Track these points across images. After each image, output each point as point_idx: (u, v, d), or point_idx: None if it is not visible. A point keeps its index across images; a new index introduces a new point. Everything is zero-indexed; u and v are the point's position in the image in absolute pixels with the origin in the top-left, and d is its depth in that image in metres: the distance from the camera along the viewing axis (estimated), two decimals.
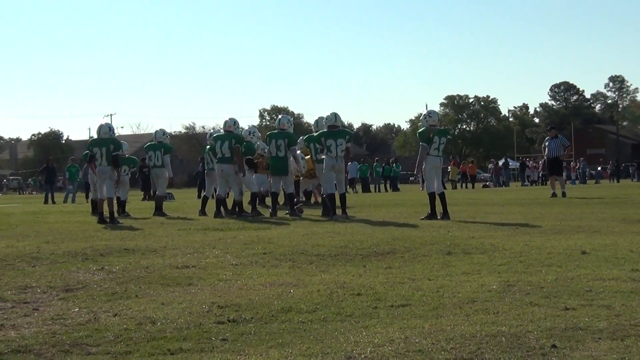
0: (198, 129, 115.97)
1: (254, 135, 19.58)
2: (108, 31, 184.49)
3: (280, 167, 17.11)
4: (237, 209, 17.15)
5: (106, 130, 16.50)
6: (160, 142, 19.26)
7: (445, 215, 14.75)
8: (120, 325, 5.29)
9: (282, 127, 17.43)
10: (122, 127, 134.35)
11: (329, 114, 16.32)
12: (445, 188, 43.82)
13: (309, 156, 17.96)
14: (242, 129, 19.45)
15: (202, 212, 18.38)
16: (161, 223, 15.47)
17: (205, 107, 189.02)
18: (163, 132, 19.60)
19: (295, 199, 17.54)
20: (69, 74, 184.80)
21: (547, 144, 24.96)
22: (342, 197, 16.09)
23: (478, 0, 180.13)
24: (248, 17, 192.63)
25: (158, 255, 9.31)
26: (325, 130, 16.25)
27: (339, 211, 15.81)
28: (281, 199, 18.74)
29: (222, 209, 17.38)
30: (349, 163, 19.31)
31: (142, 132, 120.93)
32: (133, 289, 6.82)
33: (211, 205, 18.13)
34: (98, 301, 6.30)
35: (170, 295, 6.46)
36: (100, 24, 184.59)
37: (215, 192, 18.25)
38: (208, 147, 19.18)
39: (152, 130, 27.28)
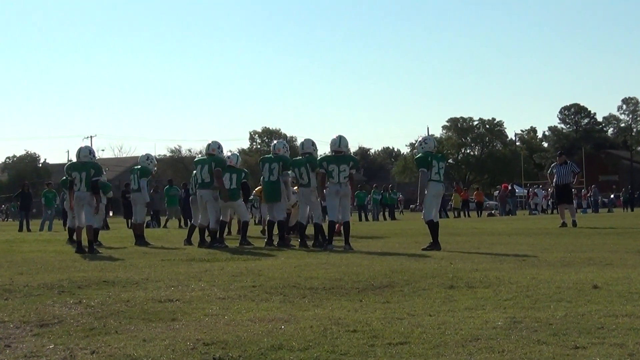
0: (184, 152, 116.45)
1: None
2: (89, 48, 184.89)
3: (273, 193, 17.13)
4: (210, 238, 17.16)
5: (86, 153, 16.45)
6: (140, 166, 19.24)
7: (437, 244, 14.84)
8: None
9: (276, 151, 17.51)
10: (103, 150, 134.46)
11: (335, 137, 16.28)
12: (447, 216, 43.92)
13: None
14: (232, 152, 19.48)
15: (188, 241, 18.40)
16: (143, 253, 15.45)
17: (193, 129, 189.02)
18: (147, 156, 19.61)
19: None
20: (46, 93, 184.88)
21: (555, 170, 25.01)
22: (346, 226, 16.08)
23: (482, 16, 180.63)
24: (239, 35, 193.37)
25: (140, 288, 9.28)
26: (330, 154, 16.28)
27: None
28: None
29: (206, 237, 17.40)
30: None
31: (124, 155, 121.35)
32: (112, 324, 6.79)
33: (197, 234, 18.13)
34: (75, 337, 6.27)
35: (153, 331, 6.43)
36: (81, 40, 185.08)
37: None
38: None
39: (135, 154, 27.34)
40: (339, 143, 16.14)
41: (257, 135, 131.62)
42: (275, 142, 18.52)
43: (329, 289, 8.91)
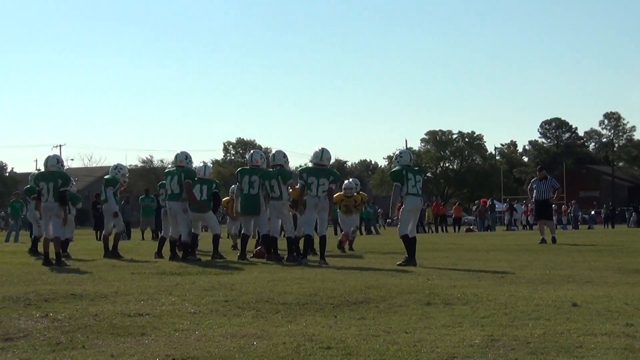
0: (156, 162, 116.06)
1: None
2: (59, 55, 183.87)
3: (252, 206, 17.10)
4: (183, 251, 17.10)
5: (54, 162, 16.32)
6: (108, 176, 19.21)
7: (412, 260, 14.88)
8: None
9: (255, 163, 17.49)
10: (72, 160, 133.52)
11: (317, 150, 16.30)
12: (425, 231, 43.95)
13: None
14: (203, 163, 19.45)
15: (159, 254, 18.34)
16: (112, 266, 15.40)
17: (165, 139, 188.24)
18: (116, 166, 19.53)
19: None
20: (14, 100, 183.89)
21: (534, 185, 25.15)
22: (322, 241, 16.08)
23: (463, 29, 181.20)
24: (213, 44, 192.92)
25: (108, 302, 9.25)
26: (311, 166, 16.32)
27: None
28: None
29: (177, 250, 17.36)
30: None
31: (94, 165, 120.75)
32: (80, 339, 6.76)
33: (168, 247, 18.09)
34: (41, 352, 6.24)
35: (121, 347, 6.41)
36: (50, 47, 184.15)
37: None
38: (162, 182, 19.21)
39: (105, 164, 27.30)
40: (321, 156, 16.16)
41: (231, 146, 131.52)
42: (252, 152, 18.49)
43: (303, 304, 8.92)
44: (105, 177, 19.23)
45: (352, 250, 21.49)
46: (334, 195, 18.22)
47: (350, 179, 22.60)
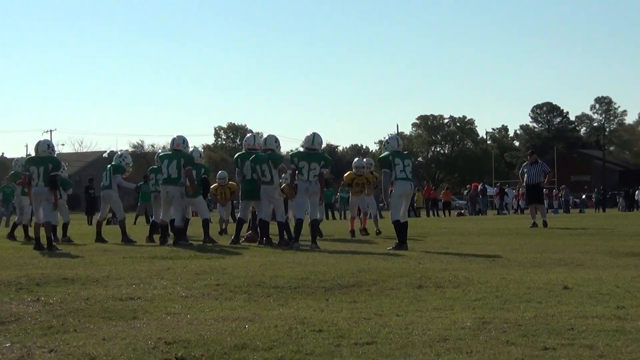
0: (147, 147, 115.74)
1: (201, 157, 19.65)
2: (49, 39, 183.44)
3: (254, 191, 17.05)
4: (175, 236, 17.08)
5: (45, 147, 16.28)
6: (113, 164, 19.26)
7: (404, 244, 14.89)
8: None
9: (255, 147, 17.48)
10: (63, 145, 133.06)
11: (309, 134, 16.30)
12: (418, 215, 44.00)
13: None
14: (194, 148, 19.45)
15: (150, 238, 18.36)
16: (104, 250, 15.40)
17: (156, 124, 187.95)
18: (120, 154, 19.68)
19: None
20: (4, 85, 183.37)
21: (525, 170, 25.18)
22: (314, 224, 16.08)
23: (453, 13, 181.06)
24: (204, 29, 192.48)
25: (100, 286, 9.25)
26: (302, 150, 16.32)
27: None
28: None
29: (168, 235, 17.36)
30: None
31: (85, 150, 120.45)
32: (71, 323, 6.76)
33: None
34: (32, 336, 6.24)
35: (113, 330, 6.41)
36: (40, 31, 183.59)
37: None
38: (153, 167, 19.15)
39: (96, 149, 27.26)
40: (313, 140, 16.15)
41: (222, 130, 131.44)
42: (247, 135, 18.44)
43: (294, 287, 8.93)
44: (112, 164, 19.24)
45: (367, 234, 21.15)
46: (345, 175, 18.55)
47: (364, 159, 22.41)
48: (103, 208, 19.54)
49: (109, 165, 19.27)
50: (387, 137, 16.15)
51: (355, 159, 22.17)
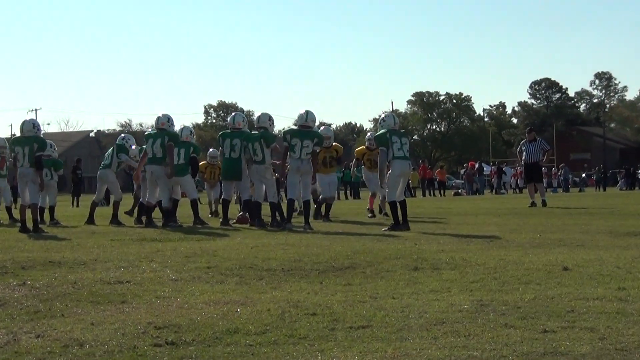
0: (135, 126, 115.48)
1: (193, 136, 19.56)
2: (33, 17, 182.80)
3: (233, 170, 17.01)
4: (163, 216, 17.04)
5: (30, 127, 16.19)
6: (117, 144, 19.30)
7: (405, 224, 14.88)
8: (44, 348, 5.23)
9: (237, 125, 17.36)
10: (48, 124, 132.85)
11: (302, 112, 16.24)
12: (414, 195, 44.03)
13: None
14: (186, 126, 19.39)
15: (139, 220, 18.31)
16: (92, 232, 15.37)
17: (144, 103, 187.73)
18: (124, 136, 19.92)
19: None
20: None
21: (524, 148, 25.16)
22: (306, 205, 16.06)
23: None
24: (193, 4, 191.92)
25: (87, 269, 9.24)
26: (295, 128, 16.27)
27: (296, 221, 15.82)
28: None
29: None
30: None
31: (71, 129, 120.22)
32: (58, 307, 6.75)
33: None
34: (18, 321, 6.23)
35: (101, 314, 6.41)
36: (24, 9, 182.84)
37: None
38: (141, 147, 19.12)
39: (82, 128, 27.22)
40: (306, 118, 16.09)
41: (212, 109, 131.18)
42: (234, 114, 18.34)
43: (287, 270, 8.93)
44: (117, 143, 19.22)
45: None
46: (356, 150, 19.63)
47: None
48: (99, 189, 19.53)
49: (114, 147, 19.22)
50: (383, 115, 16.13)
51: (368, 134, 21.97)
